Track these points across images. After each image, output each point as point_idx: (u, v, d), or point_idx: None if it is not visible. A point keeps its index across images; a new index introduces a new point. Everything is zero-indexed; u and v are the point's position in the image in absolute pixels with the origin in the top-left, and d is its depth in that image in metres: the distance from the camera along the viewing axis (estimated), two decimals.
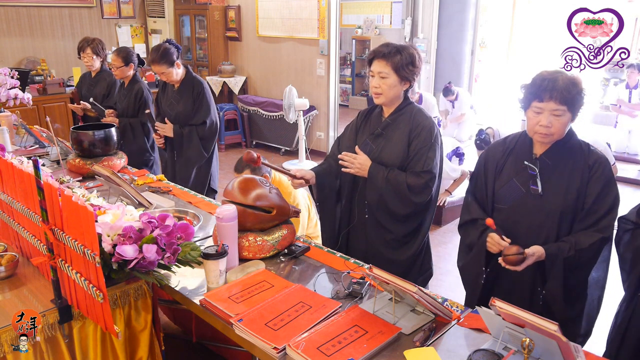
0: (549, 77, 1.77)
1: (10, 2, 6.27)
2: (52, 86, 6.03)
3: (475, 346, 1.48)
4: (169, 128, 3.47)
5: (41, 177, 1.47)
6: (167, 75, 3.37)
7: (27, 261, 1.87)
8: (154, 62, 3.31)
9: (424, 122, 2.17)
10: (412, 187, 2.12)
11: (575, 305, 1.88)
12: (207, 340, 2.54)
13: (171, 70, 3.35)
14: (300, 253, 2.03)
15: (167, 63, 3.31)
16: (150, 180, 2.90)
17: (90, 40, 4.04)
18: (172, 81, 3.43)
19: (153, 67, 3.35)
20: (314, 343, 1.44)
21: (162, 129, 3.48)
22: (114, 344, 1.69)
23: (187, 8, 7.49)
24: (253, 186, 1.98)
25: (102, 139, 2.91)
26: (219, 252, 1.75)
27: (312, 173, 2.28)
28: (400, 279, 1.52)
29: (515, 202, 1.91)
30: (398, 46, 2.12)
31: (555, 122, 1.77)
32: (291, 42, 6.62)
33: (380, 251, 2.24)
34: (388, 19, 8.85)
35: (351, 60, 10.00)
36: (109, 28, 7.15)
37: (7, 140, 3.29)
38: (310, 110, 6.45)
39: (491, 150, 2.05)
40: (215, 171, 3.73)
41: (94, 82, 4.15)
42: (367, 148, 2.23)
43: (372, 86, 2.17)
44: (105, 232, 1.58)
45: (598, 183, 1.80)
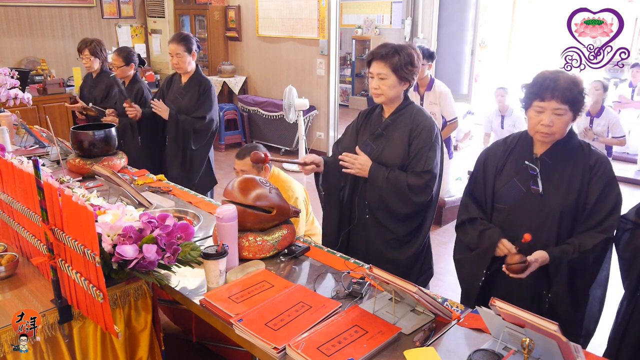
0: (550, 77, 1.77)
1: (10, 2, 6.27)
2: (52, 86, 6.03)
3: (475, 346, 1.48)
4: (164, 109, 3.48)
5: (41, 177, 1.47)
6: (180, 59, 3.42)
7: (27, 261, 1.87)
8: (173, 40, 3.42)
9: (424, 122, 2.17)
10: (412, 187, 2.12)
11: (581, 307, 1.88)
12: (207, 340, 2.54)
13: (185, 55, 3.41)
14: (300, 253, 2.03)
15: (184, 46, 3.40)
16: (150, 180, 2.90)
17: (88, 41, 4.03)
18: (181, 69, 3.47)
19: (170, 46, 3.43)
20: (314, 343, 1.44)
21: (158, 108, 3.49)
22: (114, 344, 1.69)
23: (187, 8, 7.49)
24: (253, 186, 1.98)
25: (102, 139, 2.91)
26: (219, 252, 1.75)
27: (321, 159, 2.28)
28: (400, 279, 1.52)
29: (515, 202, 1.91)
30: (396, 46, 2.12)
31: (557, 122, 1.77)
32: (291, 42, 6.62)
33: (381, 251, 2.24)
34: (388, 19, 8.85)
35: (351, 60, 9.99)
36: (109, 28, 7.15)
37: (7, 140, 3.29)
38: (310, 110, 6.45)
39: (491, 150, 2.05)
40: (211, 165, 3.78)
41: (95, 83, 4.15)
42: (368, 148, 2.23)
43: (372, 87, 2.17)
44: (105, 232, 1.58)
45: (599, 182, 1.80)
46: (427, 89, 4.28)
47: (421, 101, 4.30)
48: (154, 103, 3.52)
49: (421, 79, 4.25)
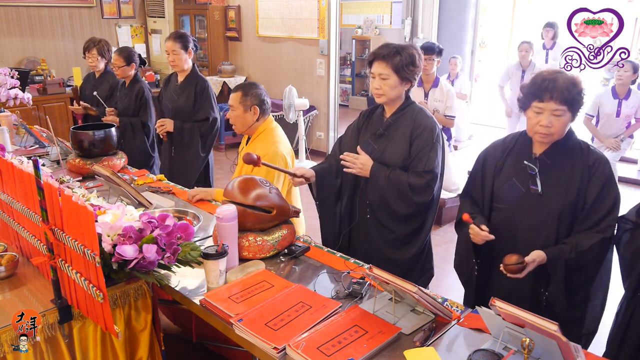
0: (549, 77, 1.77)
1: (10, 2, 6.26)
2: (52, 86, 6.03)
3: (475, 346, 1.48)
4: (169, 123, 3.48)
5: (41, 177, 1.47)
6: (176, 56, 3.42)
7: (27, 261, 1.87)
8: (170, 38, 3.43)
9: (425, 121, 2.17)
10: (413, 187, 2.12)
11: (579, 307, 1.88)
12: (207, 340, 2.55)
13: (181, 53, 3.41)
14: (300, 253, 2.03)
15: (181, 44, 3.40)
16: (150, 180, 2.90)
17: (97, 41, 4.06)
18: (177, 66, 3.47)
19: (167, 43, 3.43)
20: (314, 343, 1.44)
21: (163, 126, 3.49)
22: (114, 344, 1.69)
23: (187, 8, 7.49)
24: (253, 186, 1.98)
25: (102, 139, 2.92)
26: (219, 252, 1.75)
27: (313, 172, 2.28)
28: (400, 279, 1.52)
29: (514, 202, 1.91)
30: (398, 47, 2.12)
31: (556, 122, 1.78)
32: (291, 42, 6.62)
33: (382, 251, 2.24)
34: (388, 19, 8.85)
35: (351, 60, 9.99)
36: (109, 28, 7.15)
37: (7, 140, 3.29)
38: (310, 110, 6.44)
39: (490, 150, 2.05)
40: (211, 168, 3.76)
41: (98, 83, 4.16)
42: (369, 148, 2.23)
43: (374, 87, 2.17)
44: (105, 232, 1.58)
45: (598, 182, 1.80)
46: (434, 86, 4.27)
47: (425, 97, 4.29)
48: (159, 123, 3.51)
49: (427, 75, 4.24)
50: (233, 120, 2.66)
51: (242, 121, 2.64)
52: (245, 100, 2.61)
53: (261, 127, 2.66)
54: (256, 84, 2.71)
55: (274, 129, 2.67)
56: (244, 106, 2.62)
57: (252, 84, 2.69)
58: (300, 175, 2.23)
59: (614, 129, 4.83)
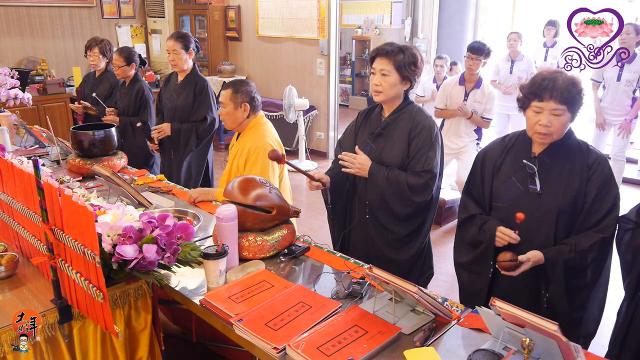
0: (549, 77, 1.77)
1: (10, 2, 6.26)
2: (52, 86, 6.03)
3: (475, 346, 1.48)
4: (166, 127, 3.49)
5: (41, 177, 1.47)
6: (176, 56, 3.42)
7: (27, 261, 1.87)
8: (171, 37, 3.44)
9: (424, 121, 2.17)
10: (412, 186, 2.12)
11: (578, 309, 1.87)
12: (207, 340, 2.55)
13: (182, 53, 3.42)
14: (300, 253, 2.03)
15: (182, 43, 3.41)
16: (150, 180, 2.90)
17: (99, 40, 4.08)
18: (177, 66, 3.47)
19: (168, 43, 3.44)
20: (314, 343, 1.44)
21: (161, 131, 3.49)
22: (114, 344, 1.69)
23: (187, 8, 7.49)
24: (253, 186, 1.98)
25: (102, 139, 2.92)
26: (219, 252, 1.75)
27: (328, 177, 2.27)
28: (400, 279, 1.52)
29: (513, 201, 1.91)
30: (401, 46, 2.14)
31: (555, 122, 1.78)
32: (291, 42, 6.62)
33: (381, 251, 2.24)
34: (388, 19, 8.85)
35: (351, 60, 9.99)
36: (109, 28, 7.15)
37: (7, 140, 3.29)
38: (310, 110, 6.44)
39: (489, 149, 2.05)
40: (211, 168, 3.77)
41: (98, 81, 4.16)
42: (368, 148, 2.23)
43: (373, 83, 2.17)
44: (105, 232, 1.58)
45: (597, 182, 1.80)
46: (476, 87, 4.24)
47: (465, 97, 4.26)
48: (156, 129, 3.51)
49: (471, 74, 4.20)
50: (223, 117, 2.67)
51: (232, 118, 2.65)
52: (236, 98, 2.62)
53: (251, 123, 2.67)
54: (247, 81, 2.72)
55: (263, 124, 2.69)
56: (235, 103, 2.63)
57: (242, 81, 2.70)
58: (318, 179, 2.22)
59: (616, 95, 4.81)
